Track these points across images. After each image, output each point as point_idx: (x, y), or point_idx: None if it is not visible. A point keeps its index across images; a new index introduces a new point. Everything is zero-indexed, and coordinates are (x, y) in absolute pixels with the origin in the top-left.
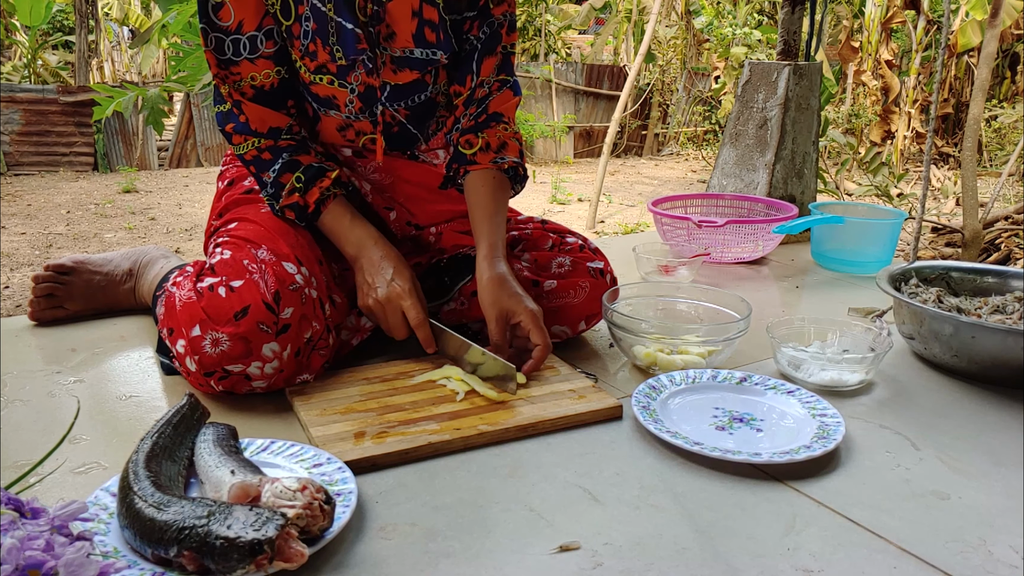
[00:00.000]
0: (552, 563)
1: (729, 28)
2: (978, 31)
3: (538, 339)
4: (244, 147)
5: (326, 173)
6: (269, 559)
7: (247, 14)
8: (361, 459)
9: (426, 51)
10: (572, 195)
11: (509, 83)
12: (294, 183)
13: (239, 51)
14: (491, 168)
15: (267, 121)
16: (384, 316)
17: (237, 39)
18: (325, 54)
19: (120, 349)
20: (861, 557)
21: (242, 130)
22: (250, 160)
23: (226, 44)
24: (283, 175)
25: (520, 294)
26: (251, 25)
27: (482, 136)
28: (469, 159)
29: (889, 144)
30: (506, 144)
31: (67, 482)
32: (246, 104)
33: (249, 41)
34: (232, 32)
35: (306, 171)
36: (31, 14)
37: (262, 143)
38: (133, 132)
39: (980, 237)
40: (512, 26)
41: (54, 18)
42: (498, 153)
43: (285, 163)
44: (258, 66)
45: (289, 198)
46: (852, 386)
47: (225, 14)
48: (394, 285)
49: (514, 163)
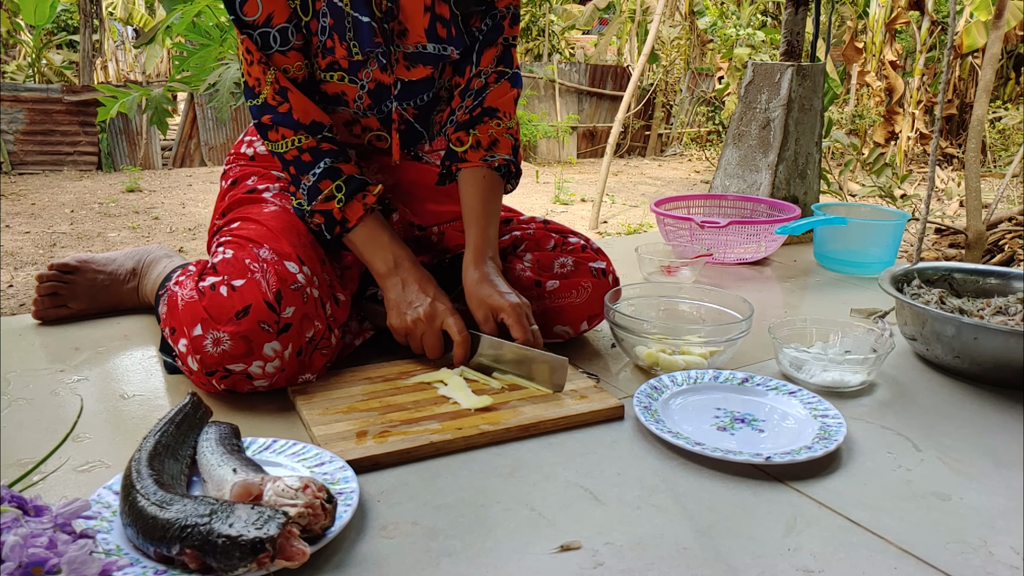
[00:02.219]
0: (553, 563)
1: (733, 29)
2: (983, 32)
3: (517, 334)
4: (282, 145)
5: (368, 187)
6: (271, 557)
7: (277, 7)
8: (363, 458)
9: (438, 46)
10: (575, 195)
11: (508, 75)
12: (333, 191)
13: (269, 44)
14: (481, 166)
15: (310, 113)
16: (422, 334)
17: (266, 32)
18: (342, 50)
19: (123, 348)
20: (862, 558)
21: (282, 121)
22: (290, 160)
23: (255, 38)
24: (322, 181)
25: (503, 290)
26: (281, 17)
27: (473, 133)
28: (460, 156)
29: (893, 145)
30: (497, 141)
31: (70, 480)
32: (293, 92)
33: (280, 33)
34: (261, 25)
35: (348, 182)
36: (35, 13)
37: (303, 143)
38: (137, 132)
39: (983, 238)
40: (515, 19)
41: (58, 17)
42: (488, 151)
43: (326, 169)
44: (290, 58)
45: (324, 204)
46: (854, 387)
47: (251, 8)
48: (437, 304)
49: (505, 160)
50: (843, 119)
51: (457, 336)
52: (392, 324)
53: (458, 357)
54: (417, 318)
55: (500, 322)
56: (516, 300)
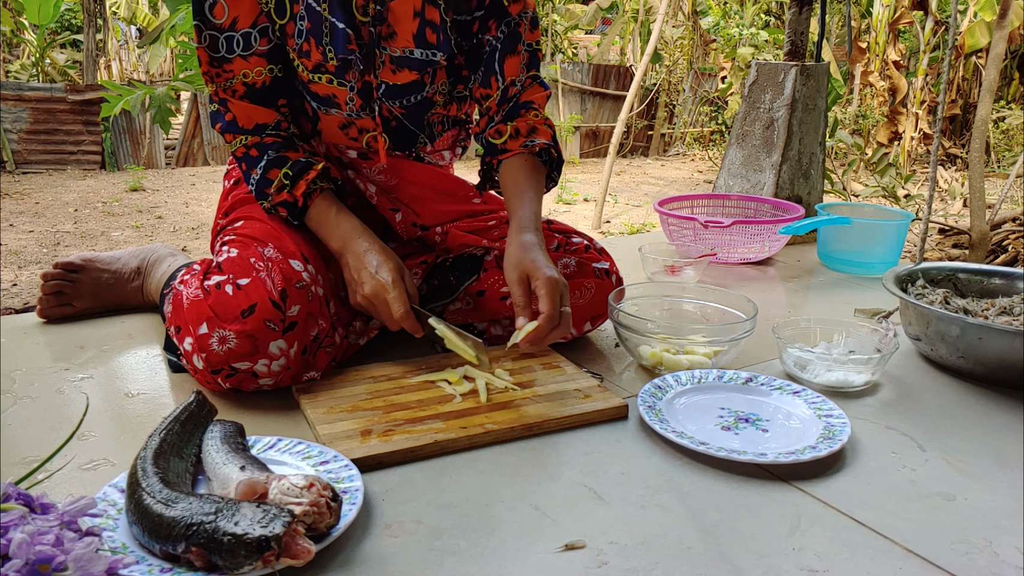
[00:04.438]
0: (557, 562)
1: (736, 28)
2: (986, 32)
3: (545, 306)
4: (234, 144)
5: (312, 166)
6: (276, 556)
7: (242, 11)
8: (367, 457)
9: (426, 52)
10: (578, 195)
11: (538, 79)
12: (282, 179)
13: (232, 48)
14: (522, 152)
15: (254, 118)
16: (375, 311)
17: (231, 36)
18: (318, 54)
19: (128, 347)
20: (866, 558)
21: (229, 128)
22: (240, 157)
23: (220, 41)
24: (270, 171)
25: (543, 261)
26: (246, 22)
27: (511, 124)
28: (500, 148)
29: (896, 145)
30: (536, 128)
31: (76, 478)
32: (232, 102)
33: (243, 38)
34: (226, 29)
35: (293, 166)
36: (39, 13)
37: (249, 140)
38: (140, 131)
39: (987, 239)
40: (534, 23)
41: (62, 17)
42: (528, 137)
43: (272, 159)
44: (251, 63)
45: (279, 195)
46: (858, 387)
47: (219, 11)
48: (378, 278)
49: (545, 145)
50: (847, 119)
51: (396, 314)
52: (352, 304)
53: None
54: (363, 295)
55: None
56: (555, 274)
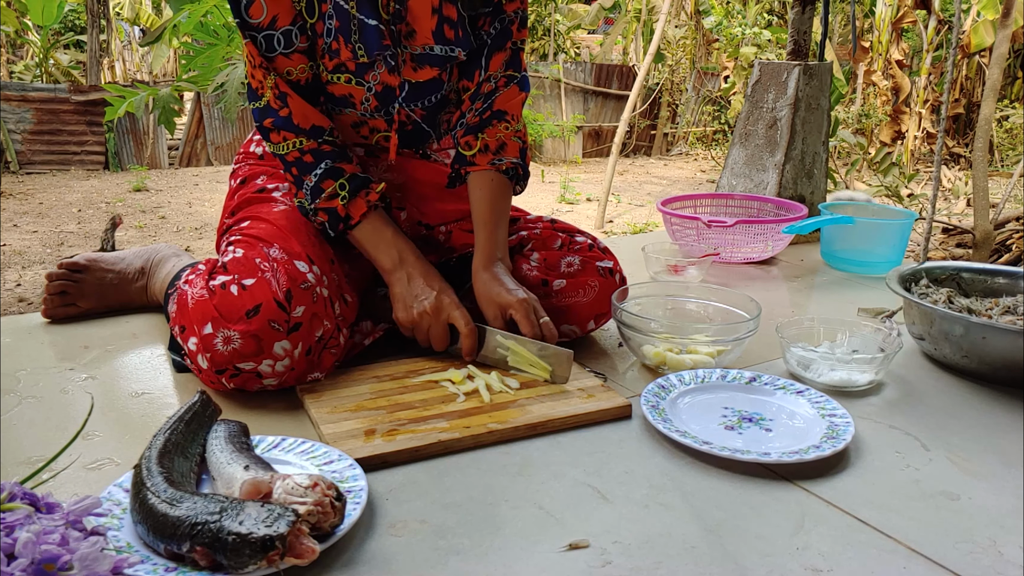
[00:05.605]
0: (561, 561)
1: (739, 28)
2: (990, 31)
3: (525, 328)
4: (284, 147)
5: (371, 185)
6: (281, 555)
7: (281, 9)
8: (371, 456)
9: (445, 48)
10: (581, 195)
11: (516, 79)
12: (336, 189)
13: (273, 47)
14: (490, 170)
15: (310, 118)
16: (429, 327)
17: (271, 35)
18: (347, 52)
19: (132, 346)
20: (870, 557)
21: (285, 125)
22: (292, 161)
23: (259, 41)
24: (324, 180)
25: (511, 288)
26: (286, 20)
27: (481, 137)
28: (469, 160)
29: (899, 144)
30: (505, 144)
31: (80, 478)
32: (292, 97)
33: (284, 36)
34: (265, 28)
35: (351, 180)
36: (43, 13)
37: (305, 144)
38: (144, 131)
39: (991, 238)
40: (523, 22)
41: (66, 17)
42: (496, 155)
43: (328, 169)
44: (293, 60)
45: (328, 202)
46: (862, 386)
47: (256, 10)
48: (443, 297)
49: (512, 163)
50: (850, 118)
51: (464, 328)
52: (398, 317)
53: (466, 348)
54: (423, 311)
55: (510, 319)
56: (523, 296)
